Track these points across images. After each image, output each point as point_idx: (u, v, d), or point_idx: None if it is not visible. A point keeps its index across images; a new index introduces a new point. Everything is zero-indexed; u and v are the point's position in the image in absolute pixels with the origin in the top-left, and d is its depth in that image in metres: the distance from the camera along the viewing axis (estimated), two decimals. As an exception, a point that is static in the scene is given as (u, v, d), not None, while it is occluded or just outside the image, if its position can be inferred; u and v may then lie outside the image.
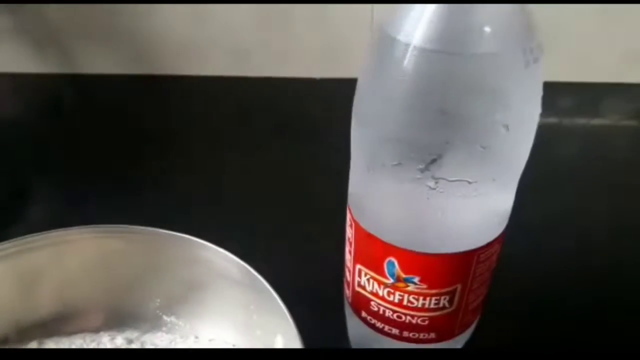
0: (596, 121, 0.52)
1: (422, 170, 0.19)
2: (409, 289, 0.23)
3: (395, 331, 0.25)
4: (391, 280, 0.23)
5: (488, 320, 0.28)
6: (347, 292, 0.27)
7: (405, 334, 0.25)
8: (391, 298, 0.23)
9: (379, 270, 0.23)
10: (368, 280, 0.24)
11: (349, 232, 0.24)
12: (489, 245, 0.22)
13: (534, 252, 0.35)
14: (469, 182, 0.20)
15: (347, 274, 0.26)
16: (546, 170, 0.43)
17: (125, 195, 0.41)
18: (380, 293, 0.24)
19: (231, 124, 0.52)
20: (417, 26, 0.18)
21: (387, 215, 0.22)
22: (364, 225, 0.23)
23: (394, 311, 0.24)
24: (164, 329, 0.27)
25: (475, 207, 0.21)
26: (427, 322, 0.24)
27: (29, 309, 0.26)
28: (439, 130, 0.19)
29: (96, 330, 0.27)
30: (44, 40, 0.58)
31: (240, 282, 0.25)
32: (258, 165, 0.45)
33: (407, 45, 0.18)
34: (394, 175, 0.20)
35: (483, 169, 0.20)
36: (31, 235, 0.26)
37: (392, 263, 0.22)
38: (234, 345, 0.26)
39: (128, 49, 0.58)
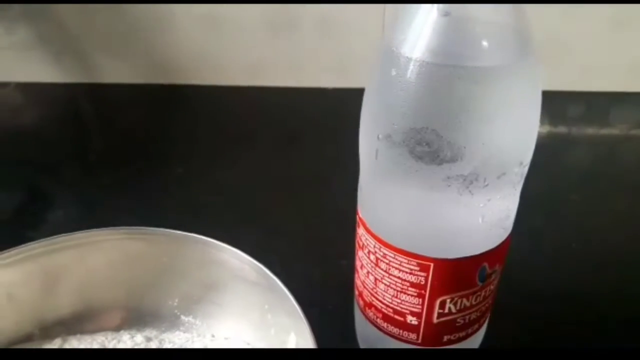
0: (605, 130, 0.53)
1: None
2: (493, 282, 0.24)
3: (475, 327, 0.26)
4: (480, 283, 0.24)
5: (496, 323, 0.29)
6: (411, 335, 0.26)
7: (481, 321, 0.26)
8: (478, 300, 0.24)
9: (471, 283, 0.23)
10: (455, 303, 0.24)
11: (413, 278, 0.23)
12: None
13: (542, 257, 0.36)
14: (482, 180, 0.21)
15: (410, 318, 0.25)
16: (556, 177, 0.44)
17: (144, 199, 0.42)
18: (469, 303, 0.24)
19: (245, 131, 0.53)
20: (419, 40, 0.19)
21: (477, 231, 0.22)
22: (448, 256, 0.22)
23: (479, 309, 0.25)
24: (181, 328, 0.28)
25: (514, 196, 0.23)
26: (491, 301, 0.26)
27: (53, 308, 0.28)
28: (454, 137, 0.20)
29: (117, 328, 0.28)
30: (64, 50, 0.59)
31: (255, 282, 0.26)
32: (272, 170, 0.46)
33: (412, 58, 0.19)
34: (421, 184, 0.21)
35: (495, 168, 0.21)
36: (56, 236, 0.27)
37: (484, 267, 0.23)
38: (248, 344, 0.27)
39: (145, 59, 0.60)
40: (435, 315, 0.24)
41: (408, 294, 0.24)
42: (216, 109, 0.57)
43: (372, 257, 0.24)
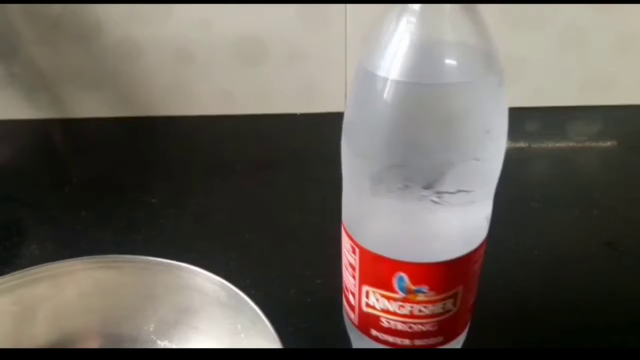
0: (560, 142, 0.56)
1: (426, 188, 0.22)
2: (419, 299, 0.24)
3: (407, 342, 0.26)
4: (401, 294, 0.24)
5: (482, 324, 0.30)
6: (352, 315, 0.28)
7: (417, 342, 0.26)
8: (402, 311, 0.25)
9: (388, 287, 0.24)
10: (377, 299, 0.25)
11: (351, 258, 0.26)
12: (481, 246, 0.25)
13: (510, 265, 0.38)
14: (467, 192, 0.22)
15: (351, 298, 0.27)
16: (518, 189, 0.46)
17: (119, 230, 0.43)
18: (391, 309, 0.25)
19: (218, 159, 0.54)
20: (397, 62, 0.21)
21: (395, 235, 0.24)
22: (370, 248, 0.24)
23: (406, 322, 0.25)
24: (157, 353, 0.29)
25: (472, 214, 0.24)
26: (436, 327, 0.26)
27: (30, 338, 0.28)
28: (437, 151, 0.21)
29: (93, 356, 0.28)
30: (36, 87, 0.60)
31: (228, 304, 0.27)
32: (246, 196, 0.47)
33: (391, 79, 0.21)
34: (400, 197, 0.22)
35: (476, 178, 0.22)
36: (30, 268, 0.28)
37: (402, 278, 0.24)
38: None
39: (116, 93, 0.61)
40: (364, 302, 0.26)
41: (348, 273, 0.26)
42: (188, 138, 0.58)
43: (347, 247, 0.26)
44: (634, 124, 0.59)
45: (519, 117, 0.57)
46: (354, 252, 0.25)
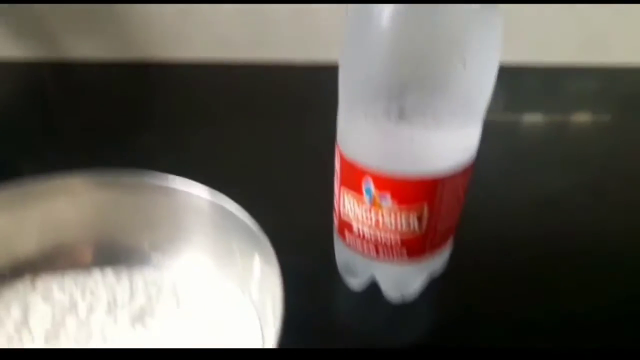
0: (557, 100, 0.56)
1: (389, 101, 0.22)
2: (383, 207, 0.26)
3: (372, 250, 0.28)
4: (368, 199, 0.26)
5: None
6: (335, 221, 0.30)
7: (381, 252, 0.28)
8: (369, 218, 0.26)
9: (358, 190, 0.26)
10: (350, 203, 0.27)
11: (336, 165, 0.27)
12: (453, 175, 0.25)
13: (497, 201, 0.38)
14: (433, 114, 0.23)
15: (335, 203, 0.29)
16: (512, 150, 0.46)
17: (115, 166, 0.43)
18: (360, 214, 0.27)
19: (215, 105, 0.54)
20: None
21: (364, 142, 0.25)
22: (346, 153, 0.26)
23: (372, 233, 0.27)
24: (151, 264, 0.29)
25: (437, 136, 0.24)
26: (399, 243, 0.27)
27: (23, 248, 0.28)
28: (404, 69, 0.22)
29: (88, 266, 0.29)
30: (28, 24, 0.59)
31: (220, 214, 0.27)
32: (242, 140, 0.47)
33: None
34: (369, 107, 0.23)
35: (442, 103, 0.23)
36: (25, 180, 0.28)
37: (369, 183, 0.25)
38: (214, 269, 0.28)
39: (112, 33, 0.60)
40: (341, 206, 0.28)
41: (335, 180, 0.28)
42: (184, 84, 0.58)
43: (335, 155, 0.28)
44: (631, 86, 0.59)
45: (516, 75, 0.58)
46: (337, 158, 0.27)
